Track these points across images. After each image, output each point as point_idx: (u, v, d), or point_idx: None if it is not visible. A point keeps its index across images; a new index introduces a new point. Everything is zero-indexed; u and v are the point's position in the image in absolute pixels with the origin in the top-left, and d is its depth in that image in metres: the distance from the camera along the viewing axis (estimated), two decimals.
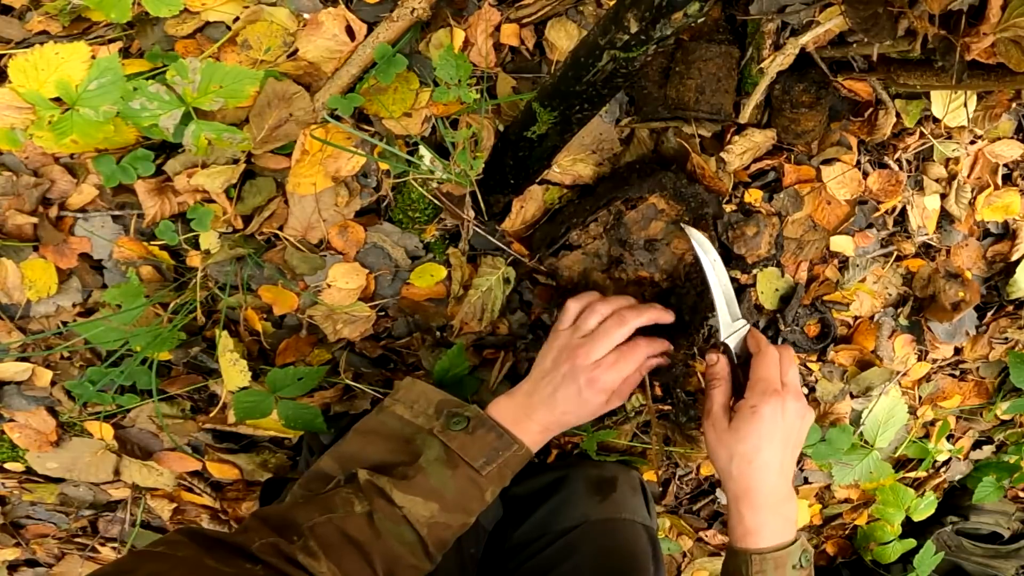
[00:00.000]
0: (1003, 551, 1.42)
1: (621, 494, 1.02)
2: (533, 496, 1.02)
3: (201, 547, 0.62)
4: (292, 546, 0.64)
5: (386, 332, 1.02)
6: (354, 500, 0.70)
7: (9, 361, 0.96)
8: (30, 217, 0.86)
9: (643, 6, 0.62)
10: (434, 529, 0.73)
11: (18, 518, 1.15)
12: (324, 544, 0.66)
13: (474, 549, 0.92)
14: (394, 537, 0.70)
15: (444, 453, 0.75)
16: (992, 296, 1.18)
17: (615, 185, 0.90)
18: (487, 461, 0.76)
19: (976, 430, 1.35)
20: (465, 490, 0.75)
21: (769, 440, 0.79)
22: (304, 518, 0.67)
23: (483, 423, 0.77)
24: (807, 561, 0.80)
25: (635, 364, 0.82)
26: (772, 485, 0.80)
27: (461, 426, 0.77)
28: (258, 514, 0.69)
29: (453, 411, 0.78)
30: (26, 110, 0.77)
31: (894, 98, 0.94)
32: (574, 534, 0.95)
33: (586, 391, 0.80)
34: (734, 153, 0.92)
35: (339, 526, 0.68)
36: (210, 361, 0.98)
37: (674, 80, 0.87)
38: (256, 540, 0.64)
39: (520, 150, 0.85)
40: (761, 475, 0.79)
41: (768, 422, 0.79)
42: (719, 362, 0.85)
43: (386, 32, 0.82)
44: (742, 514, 0.80)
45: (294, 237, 0.92)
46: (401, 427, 0.78)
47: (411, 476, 0.73)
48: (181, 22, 0.81)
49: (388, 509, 0.71)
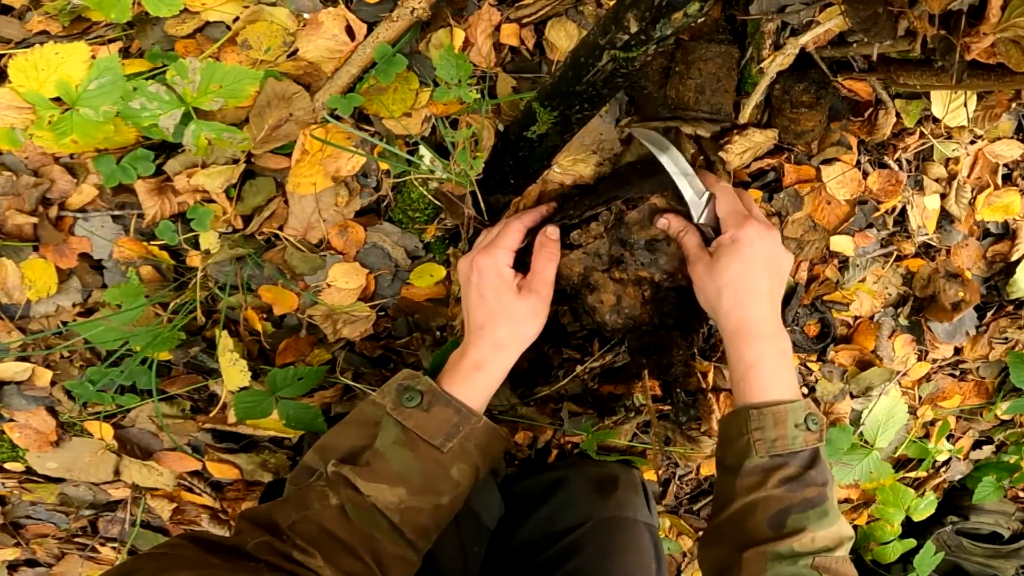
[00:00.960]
0: (1003, 551, 1.42)
1: (623, 493, 1.02)
2: (535, 496, 1.02)
3: (203, 549, 0.62)
4: (285, 544, 0.64)
5: (386, 332, 1.02)
6: (329, 493, 0.69)
7: (9, 361, 0.96)
8: (30, 217, 0.86)
9: (643, 6, 0.62)
10: (406, 514, 0.70)
11: (18, 518, 1.15)
12: (309, 541, 0.65)
13: (477, 548, 0.91)
14: (369, 525, 0.68)
15: (402, 433, 0.72)
16: (992, 296, 1.18)
17: (616, 184, 0.90)
18: (447, 438, 0.73)
19: (976, 430, 1.35)
20: (430, 471, 0.72)
21: (753, 264, 0.78)
22: (283, 518, 0.66)
23: (438, 398, 0.74)
24: (815, 425, 0.74)
25: (512, 233, 0.82)
26: (764, 314, 0.78)
27: (415, 402, 0.73)
28: (246, 515, 0.69)
29: (404, 384, 0.75)
30: (26, 110, 0.77)
31: (894, 98, 0.94)
32: (578, 533, 0.94)
33: (480, 286, 0.79)
34: (734, 153, 0.92)
35: (317, 522, 0.66)
36: (210, 361, 0.98)
37: (674, 80, 0.87)
38: (249, 540, 0.64)
39: (520, 150, 0.85)
40: (752, 302, 0.78)
41: (748, 246, 0.78)
42: (671, 221, 0.86)
43: (386, 32, 0.82)
44: (740, 351, 0.78)
45: (294, 237, 0.92)
46: (373, 411, 0.75)
47: (371, 463, 0.70)
48: (181, 22, 0.81)
49: (357, 499, 0.69)
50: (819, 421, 0.74)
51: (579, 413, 1.10)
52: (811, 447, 0.73)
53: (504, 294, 0.79)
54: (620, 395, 1.11)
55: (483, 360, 0.78)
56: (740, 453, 0.74)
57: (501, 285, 0.79)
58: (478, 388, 0.77)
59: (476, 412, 0.75)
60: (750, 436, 0.74)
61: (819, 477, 0.73)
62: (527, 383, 1.07)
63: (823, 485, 0.73)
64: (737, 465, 0.74)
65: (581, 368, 1.03)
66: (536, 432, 1.14)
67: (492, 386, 0.79)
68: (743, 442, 0.74)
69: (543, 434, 1.15)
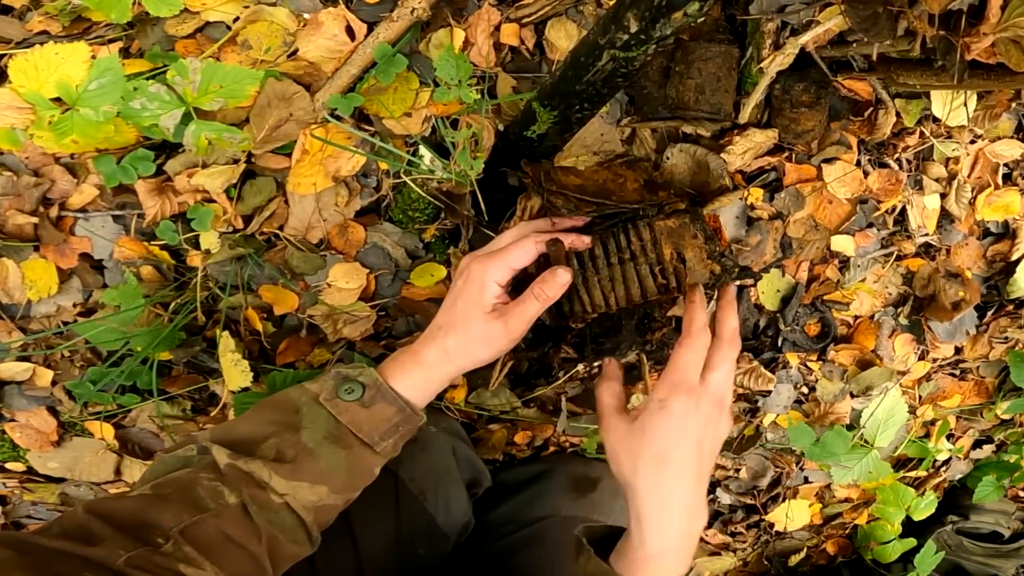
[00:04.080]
0: (1003, 550, 1.42)
1: (599, 495, 1.02)
2: (515, 484, 1.03)
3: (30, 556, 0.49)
4: (168, 557, 0.54)
5: (386, 332, 1.02)
6: (223, 490, 0.60)
7: (10, 361, 0.96)
8: (30, 217, 0.86)
9: (643, 6, 0.62)
10: (320, 513, 0.65)
11: (19, 518, 1.15)
12: (202, 547, 0.56)
13: (423, 550, 0.86)
14: (273, 525, 0.62)
15: (334, 428, 0.66)
16: (992, 295, 1.18)
17: None
18: (382, 437, 0.67)
19: (976, 429, 1.35)
20: (356, 469, 0.66)
21: (679, 441, 0.67)
22: (169, 519, 0.56)
23: (383, 394, 0.68)
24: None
25: (522, 254, 0.73)
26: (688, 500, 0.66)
27: (355, 395, 0.67)
28: (96, 511, 0.56)
29: (344, 374, 0.69)
30: (26, 110, 0.77)
31: (894, 98, 0.94)
32: (541, 525, 0.94)
33: (460, 289, 0.72)
34: (734, 153, 0.92)
35: (216, 526, 0.58)
36: (211, 361, 0.98)
37: (674, 80, 0.87)
38: (119, 553, 0.52)
39: (520, 150, 0.85)
40: (676, 482, 0.66)
41: (679, 420, 0.67)
42: (610, 363, 0.78)
43: (386, 32, 0.82)
44: (644, 536, 0.65)
45: (294, 237, 0.92)
46: (297, 396, 0.68)
47: (294, 458, 0.63)
48: (181, 22, 0.81)
49: (264, 497, 0.61)
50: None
51: (579, 413, 1.10)
52: None
53: (472, 309, 0.72)
54: None
55: (426, 359, 0.72)
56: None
57: (476, 299, 0.73)
58: (417, 383, 0.72)
59: (419, 412, 0.70)
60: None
61: None
62: (527, 383, 1.07)
63: None
64: None
65: (581, 368, 1.04)
66: (535, 432, 1.14)
67: (431, 386, 0.73)
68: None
69: (543, 434, 1.15)
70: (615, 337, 0.91)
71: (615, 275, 0.80)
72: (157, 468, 0.65)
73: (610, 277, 0.80)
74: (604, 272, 0.80)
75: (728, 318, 0.74)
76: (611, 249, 0.81)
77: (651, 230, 0.81)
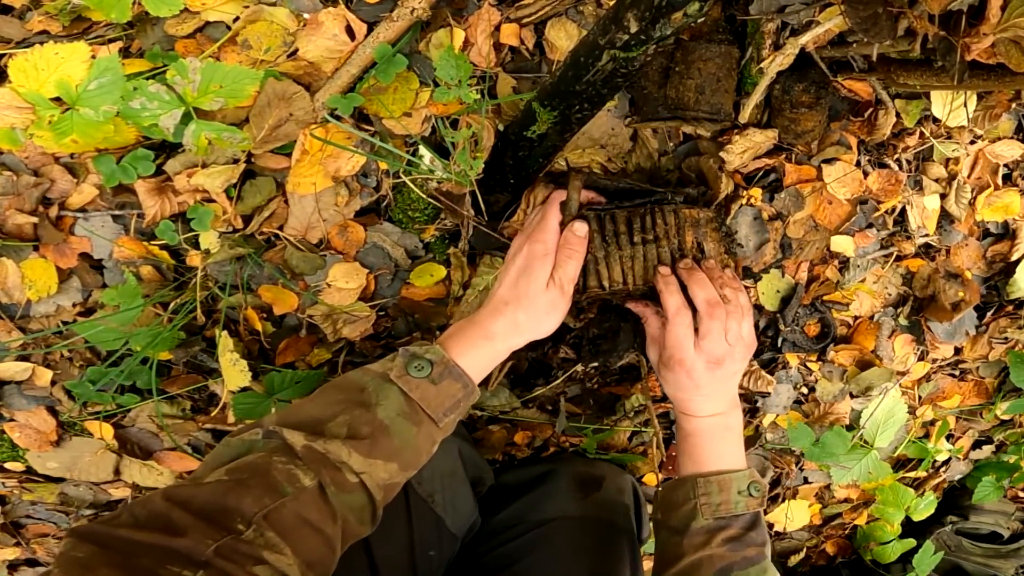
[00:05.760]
0: (1003, 551, 1.42)
1: (604, 494, 1.02)
2: (519, 486, 1.02)
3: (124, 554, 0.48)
4: (251, 544, 0.54)
5: (386, 332, 1.02)
6: (298, 473, 0.60)
7: (9, 361, 0.96)
8: (30, 217, 0.86)
9: (643, 6, 0.62)
10: (388, 491, 0.66)
11: (18, 518, 1.15)
12: (282, 532, 0.56)
13: (433, 551, 0.87)
14: (346, 507, 0.62)
15: (406, 404, 0.67)
16: (992, 296, 1.18)
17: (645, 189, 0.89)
18: (446, 413, 0.69)
19: (976, 430, 1.35)
20: (422, 446, 0.68)
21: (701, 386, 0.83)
22: (251, 505, 0.56)
23: (450, 371, 0.71)
24: (757, 492, 0.80)
25: (553, 218, 0.82)
26: (711, 406, 0.84)
27: (424, 372, 0.69)
28: (175, 499, 0.55)
29: (412, 351, 0.71)
30: (26, 110, 0.77)
31: (894, 98, 0.94)
32: (547, 528, 0.95)
33: (522, 267, 0.79)
34: (734, 153, 0.92)
35: (295, 510, 0.58)
36: (210, 361, 0.98)
37: (674, 80, 0.87)
38: (207, 543, 0.52)
39: (520, 150, 0.85)
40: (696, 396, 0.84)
41: (680, 388, 0.84)
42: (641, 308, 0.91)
43: (386, 32, 0.82)
44: (686, 424, 0.84)
45: (294, 237, 0.92)
46: (360, 376, 0.70)
47: (370, 435, 0.64)
48: (181, 22, 0.81)
49: (340, 478, 0.62)
50: (761, 488, 0.81)
51: (578, 413, 1.10)
52: (752, 511, 0.80)
53: (536, 283, 0.78)
54: (619, 395, 1.11)
55: (495, 332, 0.76)
56: (686, 516, 0.80)
57: (541, 275, 0.78)
58: (482, 359, 0.75)
59: (477, 388, 0.72)
60: (697, 501, 0.80)
61: (758, 538, 0.80)
62: (526, 383, 1.07)
63: (762, 545, 0.80)
64: (684, 527, 0.80)
65: (580, 368, 1.03)
66: (535, 432, 1.14)
67: (494, 361, 0.77)
68: (690, 507, 0.80)
69: (542, 434, 1.15)
70: (613, 338, 0.91)
71: (636, 254, 0.85)
72: (223, 453, 0.64)
73: (631, 256, 0.85)
74: (627, 250, 0.85)
75: (696, 291, 0.82)
76: (635, 228, 0.86)
77: (676, 216, 0.86)
